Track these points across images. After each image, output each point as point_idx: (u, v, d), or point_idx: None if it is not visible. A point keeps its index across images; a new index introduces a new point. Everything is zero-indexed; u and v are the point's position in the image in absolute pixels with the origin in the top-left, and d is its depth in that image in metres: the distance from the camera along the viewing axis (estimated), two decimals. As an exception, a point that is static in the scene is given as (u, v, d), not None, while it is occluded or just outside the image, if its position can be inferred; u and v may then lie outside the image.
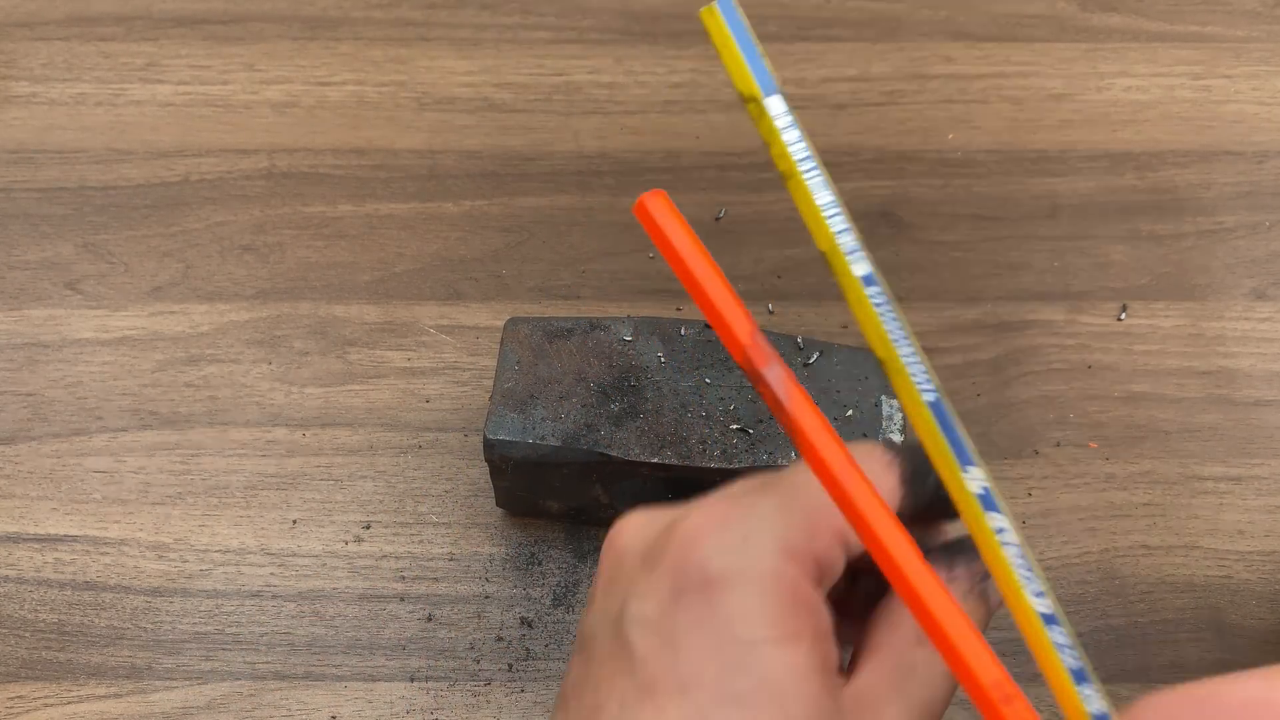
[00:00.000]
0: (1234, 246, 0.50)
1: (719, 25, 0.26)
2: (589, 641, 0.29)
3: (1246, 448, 0.45)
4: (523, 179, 0.51)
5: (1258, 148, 0.52)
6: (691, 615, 0.26)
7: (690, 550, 0.27)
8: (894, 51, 0.55)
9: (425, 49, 0.55)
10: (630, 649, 0.27)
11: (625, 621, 0.27)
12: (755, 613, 0.26)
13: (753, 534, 0.27)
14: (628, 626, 0.27)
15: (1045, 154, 0.52)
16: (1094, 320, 0.47)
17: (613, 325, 0.41)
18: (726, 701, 0.25)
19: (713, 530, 0.27)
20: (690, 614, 0.26)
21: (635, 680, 0.26)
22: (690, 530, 0.27)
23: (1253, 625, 0.41)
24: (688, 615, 0.26)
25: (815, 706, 0.26)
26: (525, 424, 0.39)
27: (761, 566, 0.26)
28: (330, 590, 0.42)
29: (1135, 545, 0.43)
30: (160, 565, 0.42)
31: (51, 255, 0.49)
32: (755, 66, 0.27)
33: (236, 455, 0.44)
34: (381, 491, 0.44)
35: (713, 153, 0.52)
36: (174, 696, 0.40)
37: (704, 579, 0.26)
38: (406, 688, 0.40)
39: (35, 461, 0.44)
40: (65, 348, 0.47)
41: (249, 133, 0.52)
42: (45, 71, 0.54)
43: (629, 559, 0.29)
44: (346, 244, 0.50)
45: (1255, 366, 0.46)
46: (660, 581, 0.27)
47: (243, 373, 0.46)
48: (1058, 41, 0.55)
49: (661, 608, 0.27)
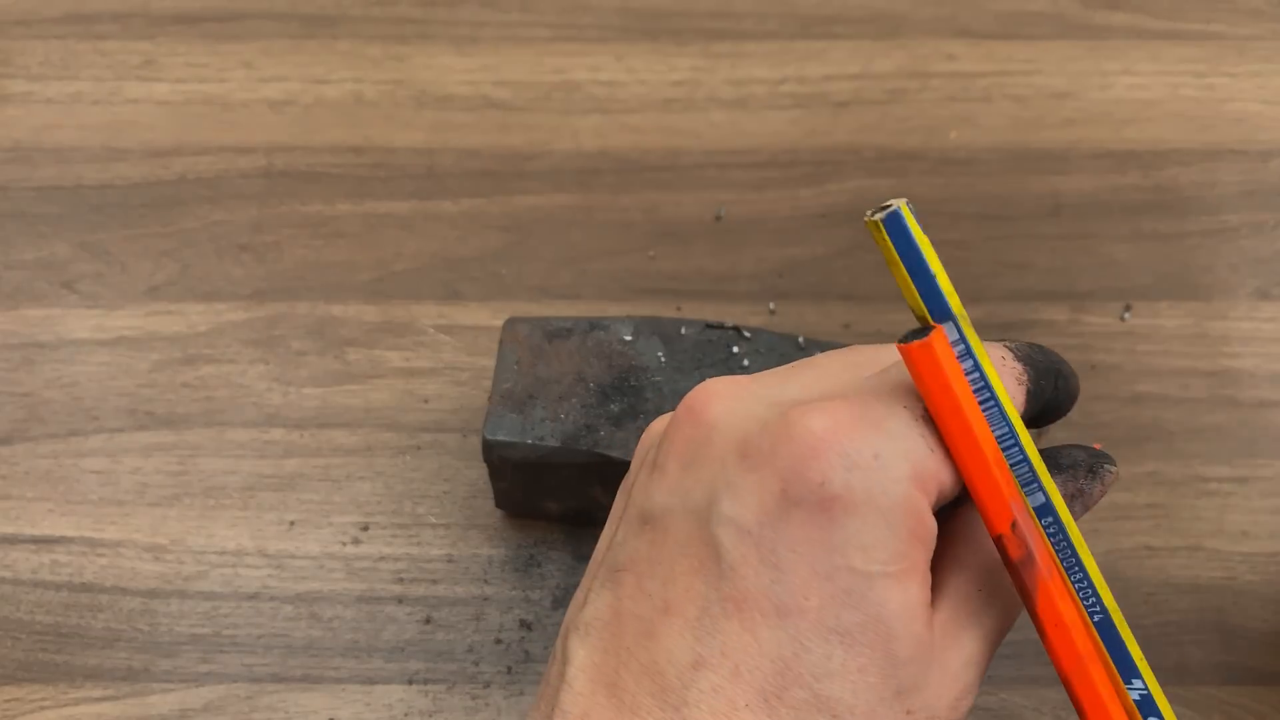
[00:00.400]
0: (1238, 246, 0.49)
1: (884, 241, 0.23)
2: (661, 518, 0.26)
3: (1251, 448, 0.44)
4: (522, 178, 0.51)
5: (1262, 146, 0.52)
6: (801, 534, 0.24)
7: (810, 460, 0.24)
8: (896, 49, 0.55)
9: (424, 47, 0.55)
10: (719, 551, 0.24)
11: (715, 518, 0.25)
12: (878, 544, 0.24)
13: (885, 453, 0.24)
14: (718, 525, 0.24)
15: (1048, 152, 0.52)
16: (1097, 320, 0.47)
17: (613, 325, 0.41)
18: (829, 634, 0.24)
19: (839, 440, 0.24)
20: (800, 532, 0.24)
21: (721, 589, 0.24)
22: (811, 434, 0.24)
23: (1257, 627, 0.41)
24: (797, 533, 0.24)
25: (917, 645, 0.24)
26: (524, 424, 0.39)
27: (893, 493, 0.24)
28: (328, 592, 0.41)
29: (1139, 546, 0.42)
30: (157, 567, 0.42)
31: (48, 255, 0.49)
32: (925, 289, 0.24)
33: (234, 456, 0.44)
34: (379, 493, 0.43)
35: (714, 151, 0.52)
36: (171, 699, 0.40)
37: (825, 497, 0.24)
38: (405, 690, 0.40)
39: (31, 462, 0.44)
40: (62, 348, 0.47)
41: (246, 131, 0.52)
42: (42, 70, 0.54)
43: (721, 441, 0.25)
44: (344, 243, 0.49)
45: (1260, 367, 0.46)
46: (766, 485, 0.24)
47: (240, 373, 0.46)
48: (1061, 39, 0.55)
49: (764, 516, 0.24)
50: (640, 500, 0.26)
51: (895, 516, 0.24)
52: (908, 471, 0.24)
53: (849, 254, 0.49)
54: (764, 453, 0.25)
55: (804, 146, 0.52)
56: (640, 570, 0.25)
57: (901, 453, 0.24)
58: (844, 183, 0.51)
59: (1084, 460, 0.27)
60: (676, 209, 0.50)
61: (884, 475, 0.24)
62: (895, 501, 0.24)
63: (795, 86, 0.54)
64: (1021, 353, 0.26)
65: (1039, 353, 0.27)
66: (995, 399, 0.24)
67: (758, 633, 0.24)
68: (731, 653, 0.24)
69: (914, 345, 0.23)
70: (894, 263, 0.23)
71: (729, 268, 0.49)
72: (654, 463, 0.27)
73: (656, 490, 0.26)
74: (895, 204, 0.23)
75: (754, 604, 0.24)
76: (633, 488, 0.28)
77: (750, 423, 0.25)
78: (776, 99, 0.53)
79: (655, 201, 0.50)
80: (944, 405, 0.24)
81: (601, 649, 0.25)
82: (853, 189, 0.51)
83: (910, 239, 0.23)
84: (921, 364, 0.24)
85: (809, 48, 0.55)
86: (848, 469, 0.24)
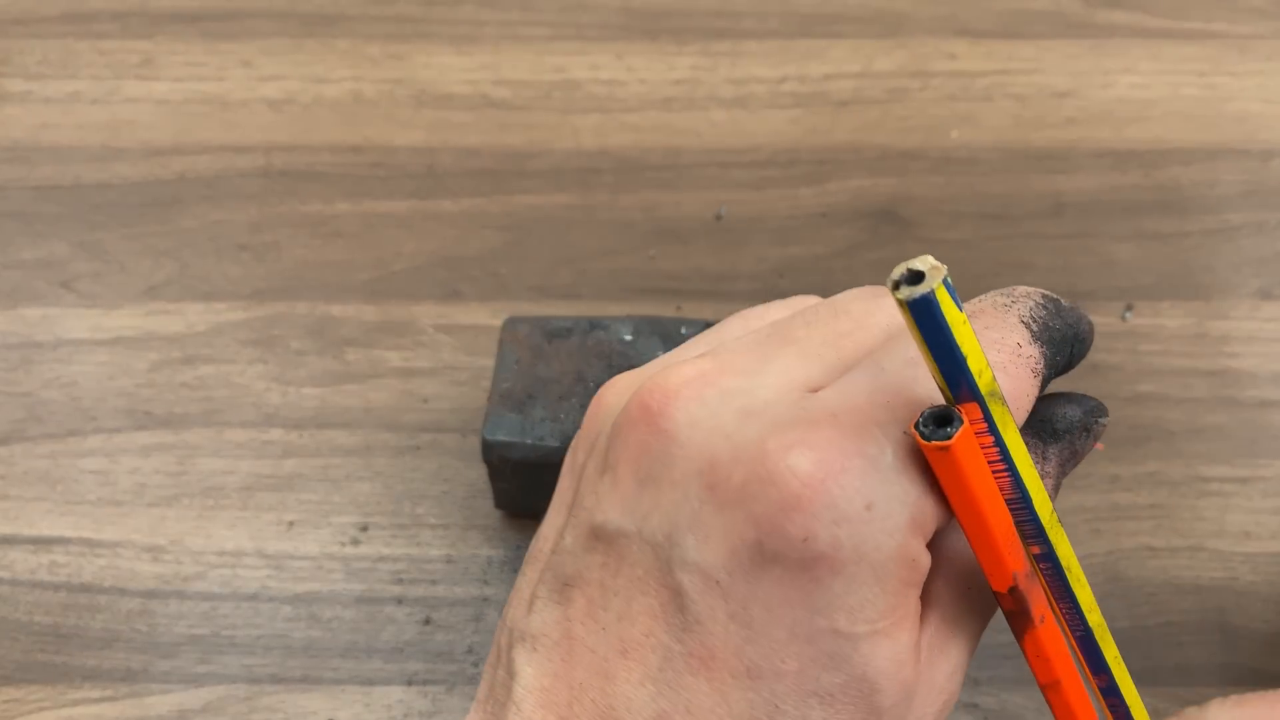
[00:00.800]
0: (1240, 245, 0.49)
1: (908, 318, 0.19)
2: (614, 539, 0.23)
3: (1253, 449, 0.44)
4: (522, 177, 0.51)
5: (1264, 146, 0.52)
6: (778, 593, 0.21)
7: (792, 511, 0.21)
8: (897, 48, 0.54)
9: (423, 46, 0.55)
10: (682, 599, 0.22)
11: (678, 560, 0.22)
12: (867, 603, 0.21)
13: (879, 501, 0.21)
14: (681, 570, 0.22)
15: (1049, 152, 0.52)
16: (1099, 320, 0.47)
17: (612, 325, 0.41)
18: (807, 696, 0.21)
19: (826, 488, 0.20)
20: (777, 591, 0.21)
21: (686, 642, 0.22)
22: (794, 479, 0.21)
23: (1258, 628, 0.41)
24: (773, 591, 0.21)
25: (903, 689, 0.22)
26: (524, 424, 0.39)
27: (887, 547, 0.21)
28: (327, 593, 0.41)
29: (1140, 547, 0.42)
30: (156, 567, 0.42)
31: (46, 254, 0.49)
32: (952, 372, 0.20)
33: (232, 456, 0.44)
34: (379, 493, 0.43)
35: (714, 150, 0.52)
36: (169, 700, 0.40)
37: (807, 556, 0.21)
38: (404, 691, 0.40)
39: (29, 463, 0.44)
40: (60, 347, 0.47)
41: (245, 130, 0.52)
42: (40, 69, 0.54)
43: (684, 461, 0.22)
44: (343, 243, 0.49)
45: (1261, 367, 0.46)
46: (737, 530, 0.21)
47: (239, 373, 0.46)
48: (1062, 38, 0.55)
49: (735, 566, 0.21)
50: (590, 507, 0.24)
51: (887, 571, 0.21)
52: (904, 520, 0.21)
53: (849, 253, 0.49)
54: (735, 490, 0.21)
55: (804, 146, 0.52)
56: (591, 594, 0.23)
57: (898, 497, 0.21)
58: (845, 182, 0.51)
59: (1079, 420, 0.24)
60: (677, 208, 0.50)
61: (877, 528, 0.21)
62: (888, 555, 0.21)
63: (796, 85, 0.54)
64: (1038, 327, 0.23)
65: (1056, 317, 0.24)
66: (1016, 474, 0.22)
67: (727, 694, 0.21)
68: (698, 711, 0.22)
69: (933, 447, 0.20)
70: (919, 340, 0.19)
71: (729, 267, 0.48)
72: (604, 460, 0.24)
73: (609, 503, 0.23)
74: (926, 273, 0.19)
75: (723, 663, 0.21)
76: (580, 484, 0.25)
77: (718, 441, 0.22)
78: (777, 98, 0.53)
79: (655, 201, 0.50)
80: (960, 501, 0.21)
81: (551, 673, 0.23)
82: (853, 188, 0.51)
83: (941, 324, 0.19)
84: (939, 464, 0.21)
85: (809, 47, 0.55)
86: (835, 522, 0.21)
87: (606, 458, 0.24)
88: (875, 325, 0.24)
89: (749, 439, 0.21)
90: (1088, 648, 0.25)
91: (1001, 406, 0.21)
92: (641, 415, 0.23)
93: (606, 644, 0.22)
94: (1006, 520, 0.22)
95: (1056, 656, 0.24)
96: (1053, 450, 0.24)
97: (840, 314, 0.24)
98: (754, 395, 0.22)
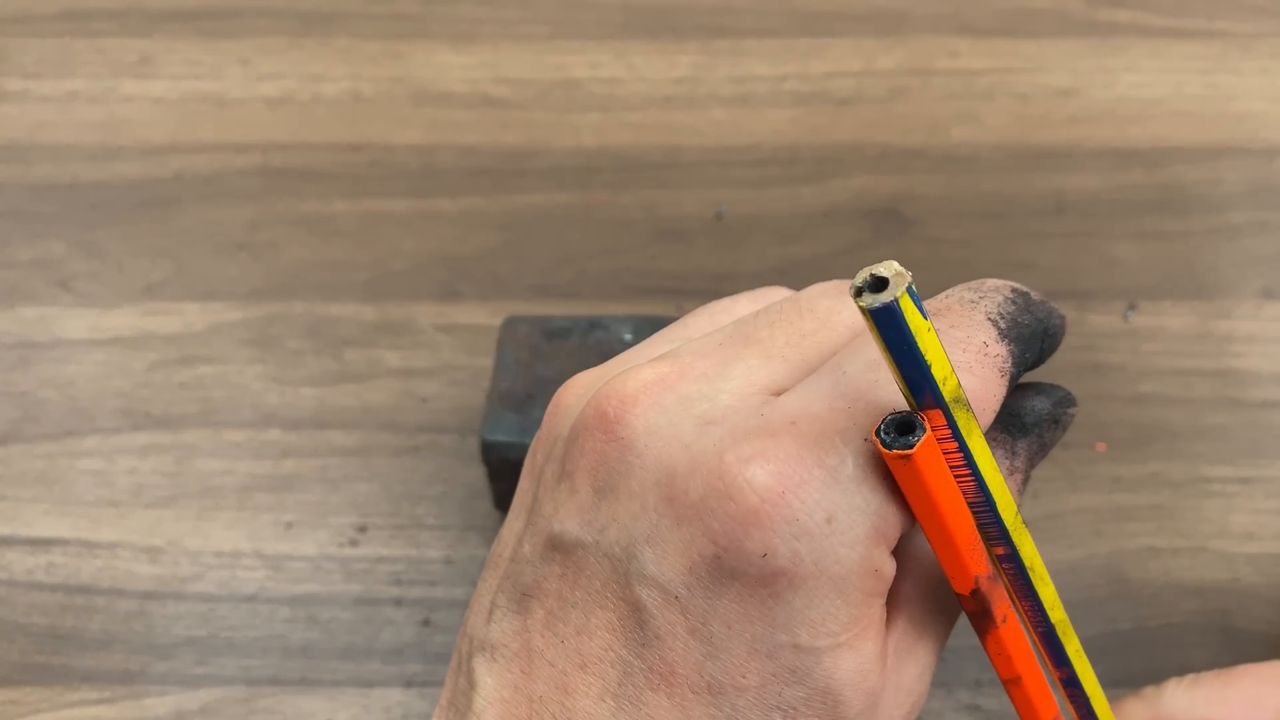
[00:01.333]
0: (1242, 245, 0.49)
1: (871, 327, 0.19)
2: (572, 550, 0.22)
3: (1255, 449, 0.44)
4: (521, 176, 0.51)
5: (1267, 145, 0.52)
6: (738, 609, 0.21)
7: (750, 527, 0.20)
8: (898, 46, 0.54)
9: (422, 44, 0.55)
10: (640, 615, 0.21)
11: (635, 575, 0.21)
12: (828, 616, 0.21)
13: (840, 512, 0.20)
14: (639, 585, 0.21)
15: (1052, 150, 0.51)
16: (1101, 319, 0.47)
17: (612, 325, 0.41)
18: (770, 710, 0.21)
19: (785, 502, 0.20)
20: (737, 607, 0.21)
21: (645, 657, 0.21)
22: (752, 493, 0.20)
23: (1261, 630, 0.41)
24: (733, 608, 0.21)
25: (868, 697, 0.22)
26: (523, 425, 0.39)
27: (848, 560, 0.20)
28: (325, 594, 0.41)
29: (1143, 548, 0.42)
30: (153, 568, 0.42)
31: (43, 253, 0.49)
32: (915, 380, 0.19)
33: (230, 457, 0.44)
34: (377, 494, 0.43)
35: (714, 149, 0.51)
36: (167, 701, 0.39)
37: (766, 572, 0.20)
38: (403, 693, 0.40)
39: (26, 463, 0.44)
40: (57, 347, 0.46)
41: (243, 129, 0.52)
42: (38, 67, 0.54)
43: (641, 472, 0.22)
44: (341, 242, 0.49)
45: (1264, 367, 0.46)
46: (695, 545, 0.21)
47: (236, 373, 0.46)
48: (1064, 37, 0.55)
49: (694, 581, 0.21)
50: (549, 515, 0.23)
51: (849, 583, 0.21)
52: (866, 532, 0.20)
53: (851, 252, 0.49)
54: (693, 503, 0.21)
55: (805, 144, 0.52)
56: (550, 606, 0.23)
57: (859, 508, 0.20)
58: (846, 181, 0.51)
59: (1048, 413, 0.24)
60: (677, 207, 0.50)
61: (837, 541, 0.20)
62: (850, 568, 0.20)
63: (797, 84, 0.53)
64: (1006, 324, 0.23)
65: (1025, 313, 0.23)
66: (980, 478, 0.21)
67: (688, 710, 0.21)
68: None
69: (894, 455, 0.20)
70: (881, 348, 0.19)
71: (729, 266, 0.48)
72: (562, 466, 0.23)
73: (566, 512, 0.23)
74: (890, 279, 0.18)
75: (683, 679, 0.21)
76: (539, 489, 0.24)
77: (676, 451, 0.21)
78: (778, 96, 0.53)
79: (655, 200, 0.50)
80: (922, 509, 0.21)
81: (511, 685, 0.23)
82: (855, 187, 0.50)
83: (904, 332, 0.18)
84: (901, 472, 0.20)
85: (810, 45, 0.54)
86: (794, 537, 0.20)
87: (564, 464, 0.23)
88: (840, 324, 0.23)
89: (707, 449, 0.21)
90: (1050, 643, 0.25)
91: (966, 413, 0.20)
92: (598, 422, 0.22)
93: (565, 657, 0.22)
94: (969, 526, 0.21)
95: (1018, 654, 0.24)
96: (1021, 445, 0.24)
97: (805, 312, 0.24)
98: (714, 401, 0.22)
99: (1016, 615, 0.24)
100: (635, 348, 0.26)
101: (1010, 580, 0.23)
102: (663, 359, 0.23)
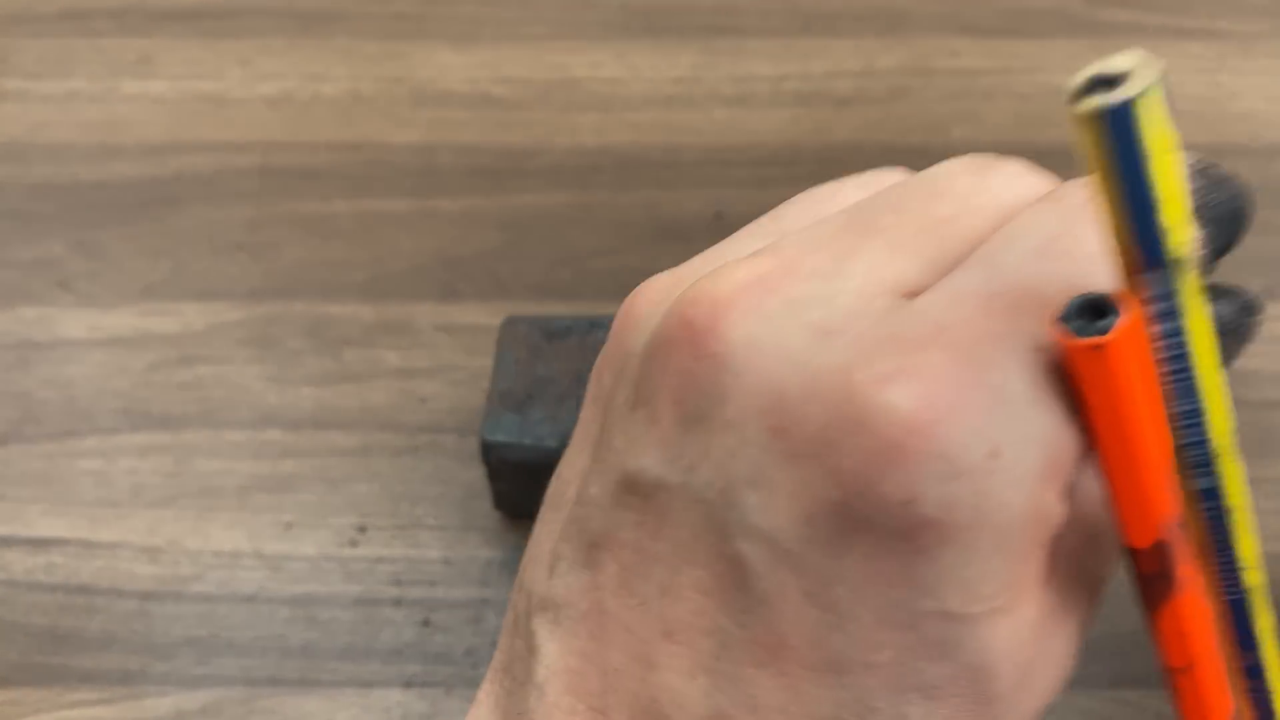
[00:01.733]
0: (1244, 244, 0.49)
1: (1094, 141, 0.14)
2: (653, 494, 0.18)
3: (1259, 449, 0.44)
4: (521, 175, 0.51)
5: (1268, 144, 0.51)
6: (870, 569, 0.16)
7: (891, 466, 0.16)
8: (899, 46, 0.54)
9: (422, 44, 0.55)
10: (744, 573, 0.17)
11: (737, 524, 0.17)
12: (985, 576, 0.16)
13: (1007, 445, 0.16)
14: (740, 536, 0.17)
15: (1053, 150, 0.51)
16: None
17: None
18: (906, 691, 0.17)
19: (938, 434, 0.16)
20: (868, 567, 0.16)
21: (748, 625, 0.17)
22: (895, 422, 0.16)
23: (1264, 630, 0.40)
24: (863, 567, 0.16)
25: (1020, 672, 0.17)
26: (523, 425, 0.38)
27: (1014, 505, 0.16)
28: (325, 594, 0.41)
29: (1144, 548, 0.42)
30: (153, 569, 0.42)
31: (42, 253, 0.49)
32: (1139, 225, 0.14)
33: (230, 457, 0.44)
34: (377, 494, 0.43)
35: (715, 148, 0.51)
36: (166, 702, 0.39)
37: (908, 523, 0.16)
38: (403, 694, 0.39)
39: (26, 463, 0.44)
40: (56, 347, 0.46)
41: (243, 129, 0.52)
42: (37, 68, 0.54)
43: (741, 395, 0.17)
44: (341, 242, 0.49)
45: (1267, 366, 0.46)
46: (814, 489, 0.16)
47: (236, 373, 0.46)
48: (1065, 36, 0.55)
49: (811, 535, 0.17)
50: (621, 450, 0.19)
51: (1013, 534, 0.16)
52: (1038, 466, 0.16)
53: (851, 252, 0.49)
54: (810, 436, 0.16)
55: (806, 144, 0.51)
56: (625, 560, 0.18)
57: (1031, 437, 0.16)
58: (846, 181, 0.51)
59: (1231, 320, 0.20)
60: (677, 207, 0.50)
61: (1003, 480, 0.16)
62: (1016, 515, 0.16)
63: (797, 83, 0.53)
64: (1196, 202, 0.18)
65: (1215, 189, 0.19)
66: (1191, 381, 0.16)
67: (801, 690, 0.17)
68: (765, 711, 0.17)
69: (1085, 347, 0.15)
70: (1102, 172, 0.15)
71: (730, 266, 0.48)
72: (636, 390, 0.19)
73: (644, 446, 0.18)
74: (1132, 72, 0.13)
75: (795, 653, 0.17)
76: (607, 417, 0.20)
77: (786, 369, 0.17)
78: (778, 96, 0.53)
79: (655, 199, 0.50)
80: (1108, 424, 0.16)
81: (579, 651, 0.19)
82: (855, 187, 0.50)
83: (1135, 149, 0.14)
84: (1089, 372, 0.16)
85: (811, 44, 0.54)
86: (949, 477, 0.16)
87: (640, 387, 0.19)
88: (984, 207, 0.19)
89: (828, 367, 0.17)
90: (1238, 618, 0.20)
91: (1192, 280, 0.16)
92: (684, 334, 0.18)
93: (646, 623, 0.18)
94: (1166, 450, 0.17)
95: (1197, 632, 0.19)
96: None
97: (938, 194, 0.20)
98: (832, 305, 0.17)
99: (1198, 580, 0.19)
100: (721, 244, 0.21)
101: (1204, 528, 0.19)
102: (761, 254, 0.19)
